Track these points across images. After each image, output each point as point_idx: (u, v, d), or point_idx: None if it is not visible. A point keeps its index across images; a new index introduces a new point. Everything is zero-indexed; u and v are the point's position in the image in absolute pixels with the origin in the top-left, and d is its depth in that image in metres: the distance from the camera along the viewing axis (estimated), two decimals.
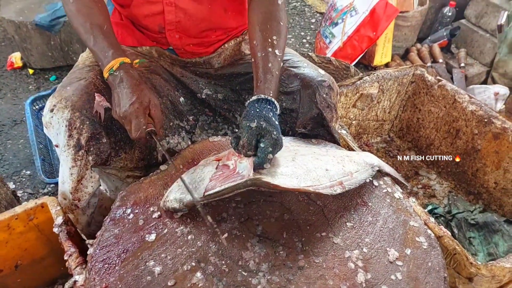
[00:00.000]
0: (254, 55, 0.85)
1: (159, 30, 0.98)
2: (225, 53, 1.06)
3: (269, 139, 0.70)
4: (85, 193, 0.86)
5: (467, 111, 1.36)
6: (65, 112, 0.81)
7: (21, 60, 2.32)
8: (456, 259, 0.82)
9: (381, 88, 1.52)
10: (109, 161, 0.88)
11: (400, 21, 2.27)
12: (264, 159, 0.70)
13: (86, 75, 0.89)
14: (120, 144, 0.91)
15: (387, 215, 0.79)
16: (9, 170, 1.67)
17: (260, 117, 0.72)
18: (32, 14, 2.13)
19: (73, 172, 0.84)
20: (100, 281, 0.64)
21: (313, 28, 2.96)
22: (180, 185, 0.75)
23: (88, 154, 0.83)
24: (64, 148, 0.83)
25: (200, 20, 0.97)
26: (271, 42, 0.84)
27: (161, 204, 0.75)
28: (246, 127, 0.71)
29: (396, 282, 0.67)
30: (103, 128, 0.85)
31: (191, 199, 0.70)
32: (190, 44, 1.01)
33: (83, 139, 0.82)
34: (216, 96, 1.08)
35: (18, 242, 0.90)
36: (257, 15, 0.88)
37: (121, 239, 0.71)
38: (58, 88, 0.88)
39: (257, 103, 0.76)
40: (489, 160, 1.32)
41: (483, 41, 2.26)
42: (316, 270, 0.68)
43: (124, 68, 0.80)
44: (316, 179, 0.74)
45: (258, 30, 0.86)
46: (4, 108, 2.02)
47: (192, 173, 0.78)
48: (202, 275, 0.65)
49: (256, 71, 0.82)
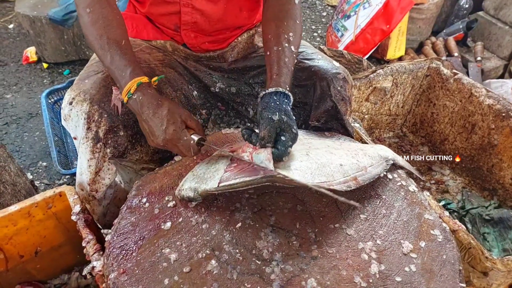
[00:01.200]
0: (269, 48, 0.83)
1: (175, 28, 0.98)
2: (238, 46, 1.06)
3: (290, 133, 0.70)
4: (103, 184, 0.88)
5: (484, 105, 1.33)
6: (83, 105, 0.83)
7: (36, 55, 2.36)
8: (471, 253, 0.81)
9: (395, 81, 1.50)
10: (126, 153, 0.90)
11: (415, 14, 2.23)
12: (284, 152, 0.70)
13: (104, 68, 0.90)
14: (137, 137, 0.92)
15: (401, 207, 0.79)
16: (26, 161, 1.71)
17: (281, 110, 0.72)
18: (46, 8, 2.16)
19: (91, 164, 0.85)
20: (118, 267, 0.66)
21: (324, 21, 2.93)
22: (194, 174, 0.76)
23: (106, 147, 0.85)
24: (82, 141, 0.84)
25: (216, 21, 0.97)
26: (287, 38, 0.83)
27: (176, 192, 0.76)
28: (268, 119, 0.70)
29: (410, 274, 0.67)
30: (120, 121, 0.86)
31: (206, 188, 0.71)
32: (205, 42, 1.02)
33: (101, 132, 0.83)
34: (229, 89, 1.09)
35: (37, 229, 0.93)
36: (273, 12, 0.87)
37: (137, 227, 0.73)
38: (76, 81, 0.89)
39: (276, 96, 0.75)
40: (506, 155, 1.29)
41: (502, 34, 2.20)
42: (330, 260, 0.68)
43: (142, 89, 0.75)
44: (330, 175, 0.73)
45: (274, 25, 0.85)
46: (20, 102, 2.07)
47: (207, 163, 0.79)
48: (216, 262, 0.66)
49: (270, 63, 0.81)
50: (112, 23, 0.80)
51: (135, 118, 0.88)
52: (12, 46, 2.54)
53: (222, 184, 0.69)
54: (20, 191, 1.14)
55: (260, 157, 0.68)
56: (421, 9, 2.22)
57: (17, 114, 1.99)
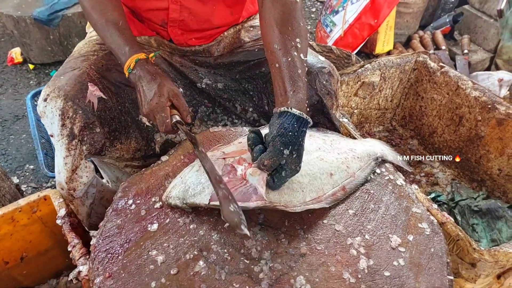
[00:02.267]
0: (277, 59, 0.75)
1: (162, 24, 0.97)
2: (224, 41, 1.05)
3: (292, 170, 0.68)
4: (80, 183, 0.87)
5: (470, 97, 1.34)
6: (58, 102, 0.82)
7: (21, 56, 2.31)
8: (459, 245, 0.82)
9: (382, 76, 1.50)
10: (104, 151, 0.89)
11: (402, 8, 2.24)
12: (278, 187, 0.69)
13: (80, 64, 0.89)
14: (115, 134, 0.90)
15: (389, 202, 0.79)
16: (13, 164, 1.68)
17: (295, 144, 0.67)
18: (30, 8, 2.12)
19: (67, 161, 0.84)
20: (103, 271, 0.65)
21: (314, 17, 2.92)
22: (184, 182, 0.73)
23: (82, 144, 0.84)
24: (58, 138, 0.83)
25: (204, 20, 0.97)
26: (295, 46, 0.75)
27: (164, 198, 0.74)
28: (278, 150, 0.65)
29: (399, 268, 0.67)
30: (96, 118, 0.85)
31: (195, 201, 0.69)
32: (192, 38, 1.01)
33: (76, 128, 0.82)
34: (215, 85, 1.08)
35: (22, 234, 0.91)
36: (273, 16, 0.78)
37: (123, 229, 0.71)
38: (53, 78, 0.88)
39: (296, 123, 0.68)
40: (493, 146, 1.31)
41: (487, 26, 2.23)
42: (318, 257, 0.68)
43: (140, 65, 0.80)
44: (320, 188, 0.74)
45: (278, 32, 0.76)
46: (6, 104, 2.03)
47: (197, 170, 0.75)
48: (204, 263, 0.66)
49: (282, 77, 0.73)
50: (108, 7, 0.85)
51: (113, 115, 0.88)
52: None
53: (212, 203, 0.68)
54: (4, 196, 1.12)
55: (254, 179, 0.68)
56: (408, 4, 2.23)
57: (2, 117, 1.95)
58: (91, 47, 0.96)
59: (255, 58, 1.04)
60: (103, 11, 0.84)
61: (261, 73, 1.04)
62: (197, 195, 0.70)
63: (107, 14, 0.84)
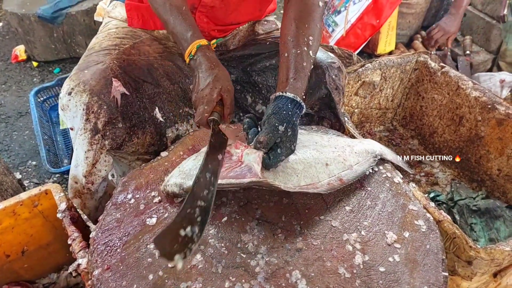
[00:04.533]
0: (287, 49, 0.79)
1: (191, 8, 0.96)
2: (239, 34, 1.06)
3: (287, 148, 0.70)
4: (99, 176, 0.89)
5: (471, 97, 1.34)
6: (83, 96, 0.83)
7: (25, 53, 2.34)
8: (455, 243, 0.82)
9: (383, 75, 1.51)
10: (123, 145, 0.90)
11: (404, 9, 2.24)
12: (274, 164, 0.70)
13: (104, 59, 0.90)
14: (134, 130, 0.92)
15: (386, 199, 0.79)
16: (16, 160, 1.70)
17: (289, 122, 0.70)
18: (35, 6, 2.14)
19: (89, 155, 0.86)
20: (102, 263, 0.66)
21: None
22: (181, 170, 0.75)
23: (104, 139, 0.85)
24: (80, 132, 0.85)
25: (232, 10, 0.98)
26: (307, 42, 0.80)
27: (161, 187, 0.76)
28: (273, 126, 0.68)
29: (394, 264, 0.67)
30: (119, 113, 0.86)
31: (190, 184, 0.70)
32: (215, 30, 1.02)
33: (100, 123, 0.84)
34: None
35: (23, 228, 0.93)
36: (295, 12, 0.84)
37: (122, 223, 0.72)
38: (75, 71, 0.89)
39: (290, 104, 0.72)
40: (493, 146, 1.31)
41: (489, 28, 2.22)
42: (314, 252, 0.68)
43: (201, 51, 0.79)
44: (316, 176, 0.75)
45: (294, 26, 0.81)
46: (9, 100, 2.05)
47: (194, 159, 0.78)
48: (201, 257, 0.66)
49: (288, 65, 0.77)
50: None
51: (133, 110, 0.90)
52: (1, 45, 2.51)
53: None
54: (6, 190, 1.13)
55: (250, 158, 0.69)
56: (410, 4, 2.23)
57: (6, 113, 1.97)
58: (112, 41, 0.96)
59: (266, 51, 1.05)
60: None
61: (271, 65, 1.04)
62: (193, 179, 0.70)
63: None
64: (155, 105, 0.97)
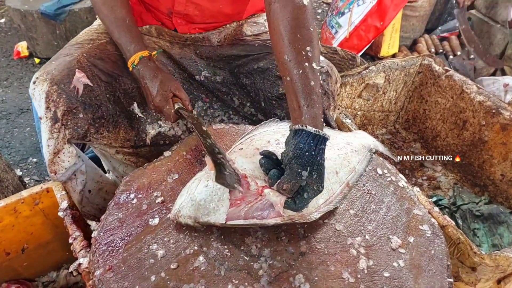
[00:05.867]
0: (288, 72, 0.72)
1: (168, 13, 0.99)
2: (225, 31, 1.05)
3: (314, 191, 0.64)
4: (62, 167, 0.89)
5: (475, 101, 1.34)
6: (44, 85, 0.85)
7: (27, 49, 2.33)
8: (459, 248, 0.82)
9: (387, 78, 1.50)
10: (89, 137, 0.90)
11: (408, 11, 2.23)
12: (300, 209, 0.65)
13: (74, 51, 0.92)
14: (102, 122, 0.92)
15: (391, 203, 0.79)
16: (16, 157, 1.69)
17: (314, 164, 0.63)
18: (38, 3, 2.13)
19: (50, 144, 0.87)
20: (103, 263, 0.65)
21: (319, 18, 2.92)
22: (193, 199, 0.68)
23: (66, 128, 0.86)
24: (42, 120, 0.86)
25: (209, 16, 0.99)
26: (306, 55, 0.71)
27: (171, 216, 0.70)
28: (296, 173, 0.62)
29: (398, 269, 0.67)
30: (80, 103, 0.87)
31: (209, 220, 0.66)
32: (195, 28, 1.02)
33: (59, 112, 0.85)
34: (214, 78, 1.08)
35: (24, 226, 0.92)
36: (282, 23, 0.74)
37: (124, 223, 0.72)
38: (46, 63, 0.91)
39: (313, 141, 0.65)
40: (496, 151, 1.30)
41: (494, 32, 2.21)
42: (318, 256, 0.68)
43: (143, 62, 0.86)
44: (330, 189, 0.73)
45: (287, 41, 0.72)
46: (11, 97, 2.04)
47: (206, 185, 0.69)
48: (204, 259, 0.66)
49: (295, 91, 0.70)
50: (117, 4, 0.89)
51: (99, 102, 0.91)
52: (3, 41, 2.50)
53: (229, 222, 0.66)
54: (7, 187, 1.12)
55: (272, 198, 0.65)
56: (414, 7, 2.23)
57: (7, 110, 1.96)
58: (89, 36, 0.98)
59: (254, 52, 1.04)
60: (113, 8, 0.88)
61: (259, 68, 1.04)
62: (211, 214, 0.66)
63: (116, 11, 0.88)
64: (134, 100, 0.97)
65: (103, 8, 0.89)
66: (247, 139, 0.82)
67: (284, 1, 0.75)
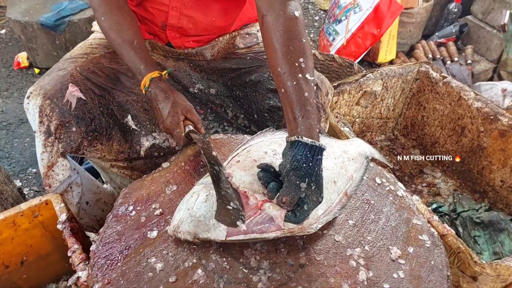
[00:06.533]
0: (282, 84, 0.72)
1: (162, 26, 1.00)
2: (218, 45, 1.06)
3: (314, 202, 0.64)
4: (56, 180, 0.90)
5: (473, 108, 1.34)
6: (37, 99, 0.86)
7: (27, 60, 2.35)
8: (460, 257, 0.81)
9: (385, 85, 1.51)
10: (82, 150, 0.91)
11: (405, 18, 2.25)
12: (301, 222, 0.65)
13: (67, 66, 0.92)
14: (95, 135, 0.92)
15: (390, 213, 0.79)
16: (16, 168, 1.69)
17: (312, 175, 0.64)
18: (38, 14, 2.15)
19: (44, 157, 0.88)
20: (102, 277, 0.65)
21: (317, 25, 2.94)
22: (192, 215, 0.68)
23: (59, 142, 0.87)
24: (36, 134, 0.87)
25: (202, 28, 1.00)
26: (299, 66, 0.72)
27: (170, 232, 0.69)
28: (294, 185, 0.62)
29: (398, 280, 0.66)
30: (73, 117, 0.88)
31: (209, 237, 0.66)
32: (190, 41, 1.03)
33: (52, 126, 0.86)
34: (208, 91, 1.09)
35: (23, 239, 0.92)
36: (275, 35, 0.75)
37: (123, 236, 0.72)
38: (40, 78, 0.92)
39: (310, 152, 0.65)
40: (495, 158, 1.30)
41: (490, 37, 2.23)
42: (317, 268, 0.67)
43: (154, 83, 0.86)
44: (329, 199, 0.74)
45: (280, 54, 0.73)
46: (11, 107, 2.05)
47: (205, 200, 0.69)
48: (203, 271, 0.66)
49: (289, 102, 0.70)
50: (123, 27, 0.88)
51: (92, 116, 0.92)
52: (4, 52, 2.52)
53: (229, 238, 0.66)
54: (7, 199, 1.12)
55: (271, 211, 0.65)
56: (411, 13, 2.25)
57: (7, 120, 1.97)
58: (83, 50, 0.99)
59: (246, 66, 1.05)
60: (120, 31, 0.87)
61: (250, 81, 1.05)
62: (211, 231, 0.66)
63: (123, 34, 0.87)
64: (128, 113, 0.98)
65: (110, 32, 0.88)
66: (244, 150, 0.83)
67: (276, 14, 0.75)
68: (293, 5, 0.76)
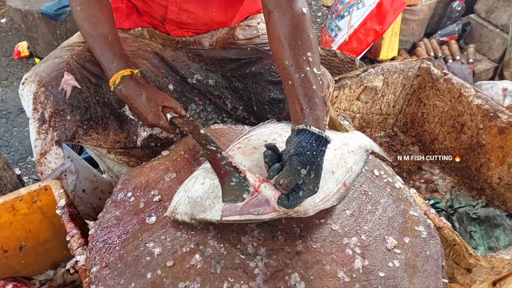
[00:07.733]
0: (289, 76, 0.72)
1: (161, 20, 0.99)
2: (217, 35, 1.06)
3: (310, 191, 0.64)
4: (48, 167, 0.90)
5: (473, 105, 1.35)
6: (32, 86, 0.86)
7: (27, 49, 2.34)
8: (455, 250, 0.82)
9: (385, 81, 1.51)
10: (77, 138, 0.91)
11: (408, 15, 2.25)
12: (293, 206, 0.64)
13: (64, 54, 0.92)
14: (90, 124, 0.92)
15: (387, 204, 0.79)
16: (15, 156, 1.70)
17: (313, 164, 0.64)
18: (39, 3, 2.14)
19: (37, 144, 0.88)
20: (100, 261, 0.65)
21: (319, 21, 2.94)
22: (189, 196, 0.69)
23: (53, 130, 0.87)
24: (30, 121, 0.87)
25: (201, 23, 1.00)
26: (307, 60, 0.71)
27: (168, 213, 0.71)
28: (295, 170, 0.62)
29: (394, 269, 0.67)
30: (67, 106, 0.87)
31: (205, 217, 0.67)
32: (189, 32, 1.03)
33: (46, 113, 0.86)
34: (207, 81, 1.08)
35: (22, 224, 0.92)
36: (282, 30, 0.75)
37: (121, 221, 0.72)
38: (36, 65, 0.92)
39: (315, 142, 0.65)
40: (494, 155, 1.31)
41: (493, 36, 2.23)
42: (314, 255, 0.68)
43: (124, 82, 0.84)
44: (326, 188, 0.74)
45: (287, 47, 0.73)
46: (11, 96, 2.05)
47: (202, 183, 0.70)
48: (200, 257, 0.66)
49: (296, 94, 0.70)
50: (100, 20, 0.86)
51: (87, 105, 0.91)
52: (4, 41, 2.51)
53: (225, 218, 0.67)
54: (6, 185, 1.12)
55: (267, 192, 0.66)
56: (414, 11, 2.24)
57: (7, 109, 1.97)
58: (80, 38, 0.98)
59: (246, 57, 1.05)
60: (95, 24, 0.85)
61: (251, 72, 1.04)
62: (207, 211, 0.67)
63: (98, 27, 0.85)
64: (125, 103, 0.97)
65: (85, 23, 0.85)
66: (245, 139, 0.83)
67: (283, 10, 0.75)
68: (300, 2, 0.76)
